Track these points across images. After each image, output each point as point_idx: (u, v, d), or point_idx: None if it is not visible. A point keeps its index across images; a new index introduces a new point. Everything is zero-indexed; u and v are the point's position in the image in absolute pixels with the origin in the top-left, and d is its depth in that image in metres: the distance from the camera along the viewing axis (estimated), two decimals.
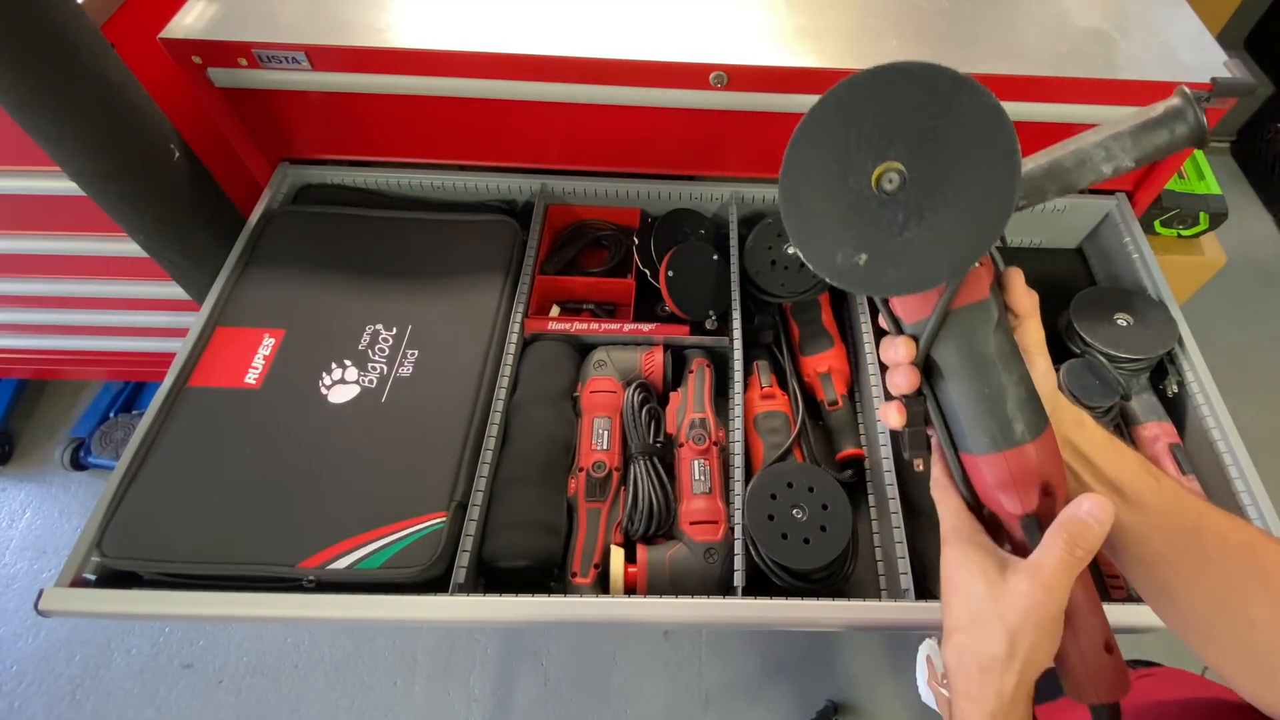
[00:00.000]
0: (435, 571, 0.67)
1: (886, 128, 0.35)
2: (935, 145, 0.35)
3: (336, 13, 0.86)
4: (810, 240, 0.37)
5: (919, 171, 0.35)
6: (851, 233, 0.36)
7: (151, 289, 1.15)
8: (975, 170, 0.34)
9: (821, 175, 0.37)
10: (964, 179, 0.34)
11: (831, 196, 0.36)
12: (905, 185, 0.35)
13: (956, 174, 0.34)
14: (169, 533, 0.68)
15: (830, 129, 0.37)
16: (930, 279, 0.36)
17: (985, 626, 0.36)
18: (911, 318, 0.41)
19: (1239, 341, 1.82)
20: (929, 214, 0.35)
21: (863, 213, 0.36)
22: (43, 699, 1.31)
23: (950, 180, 0.35)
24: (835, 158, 0.36)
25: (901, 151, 0.35)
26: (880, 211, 0.36)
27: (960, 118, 0.34)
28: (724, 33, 0.85)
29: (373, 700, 1.33)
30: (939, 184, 0.35)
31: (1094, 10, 0.91)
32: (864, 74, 0.36)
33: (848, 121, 0.36)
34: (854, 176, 0.36)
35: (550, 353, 0.86)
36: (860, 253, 0.36)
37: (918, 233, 0.35)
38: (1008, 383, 0.38)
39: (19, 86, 0.72)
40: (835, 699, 1.32)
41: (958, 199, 0.34)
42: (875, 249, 0.36)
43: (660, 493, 0.75)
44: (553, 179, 0.99)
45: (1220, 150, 2.26)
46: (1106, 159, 0.38)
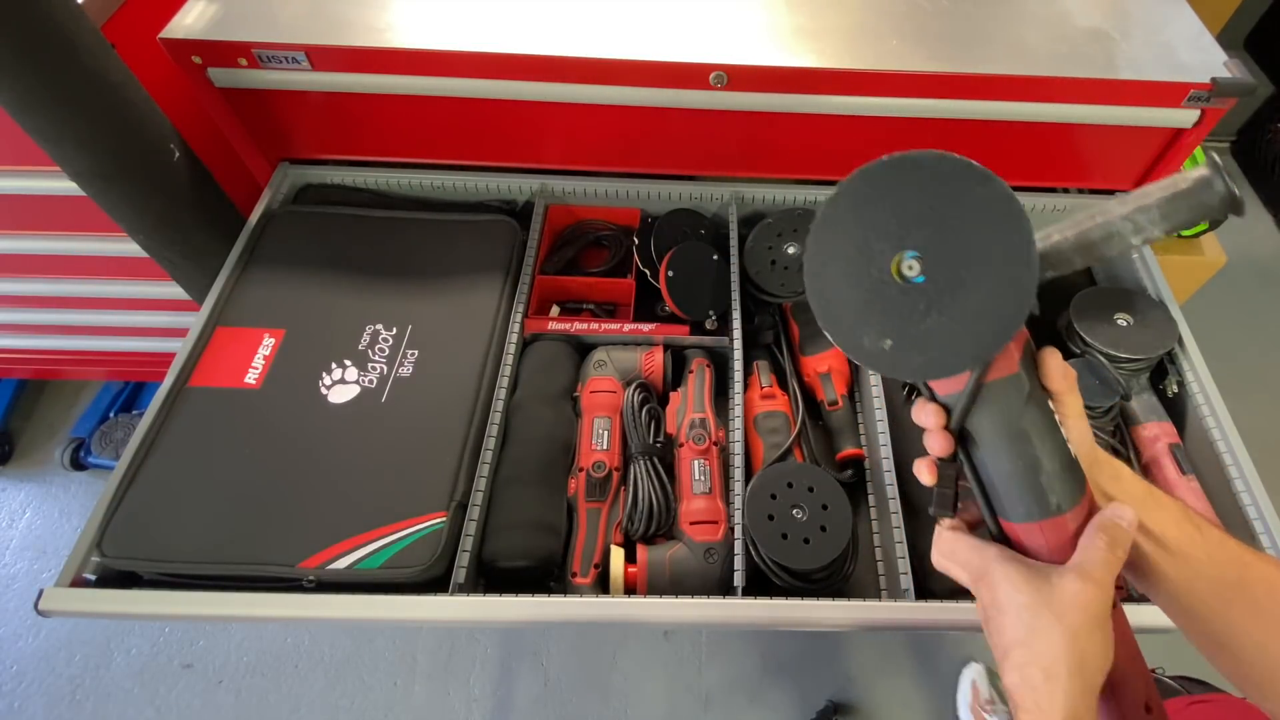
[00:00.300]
0: (435, 571, 0.67)
1: (902, 217, 0.36)
2: (951, 234, 0.35)
3: (336, 13, 0.86)
4: (837, 323, 0.38)
5: (937, 260, 0.35)
6: (876, 318, 0.37)
7: (151, 289, 1.15)
8: (992, 259, 0.34)
9: (844, 262, 0.37)
10: (981, 268, 0.35)
11: (854, 283, 0.37)
12: (924, 273, 0.35)
13: (974, 263, 0.35)
14: (169, 533, 0.68)
15: (849, 218, 0.38)
16: (955, 366, 0.36)
17: (1044, 633, 0.36)
18: (943, 390, 0.40)
19: (1239, 341, 1.82)
20: (949, 302, 0.35)
21: (885, 299, 0.36)
22: (43, 699, 1.31)
23: (968, 269, 0.35)
24: (856, 246, 0.37)
25: (918, 240, 0.36)
26: (902, 299, 0.36)
27: (973, 207, 0.35)
28: (724, 33, 0.85)
29: (373, 700, 1.33)
30: (957, 272, 0.35)
31: (1094, 10, 0.91)
32: (877, 164, 0.37)
33: (865, 211, 0.37)
34: (875, 264, 0.36)
35: (550, 353, 0.86)
36: (885, 338, 0.36)
37: (940, 320, 0.35)
38: (1042, 455, 0.38)
39: (19, 86, 0.72)
40: (835, 699, 1.32)
41: (977, 287, 0.35)
42: (899, 335, 0.36)
43: (660, 493, 0.75)
44: (553, 179, 0.99)
45: (1220, 150, 2.26)
46: (1135, 231, 0.37)
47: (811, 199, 0.98)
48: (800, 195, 0.98)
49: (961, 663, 1.32)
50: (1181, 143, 0.90)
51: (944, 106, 0.86)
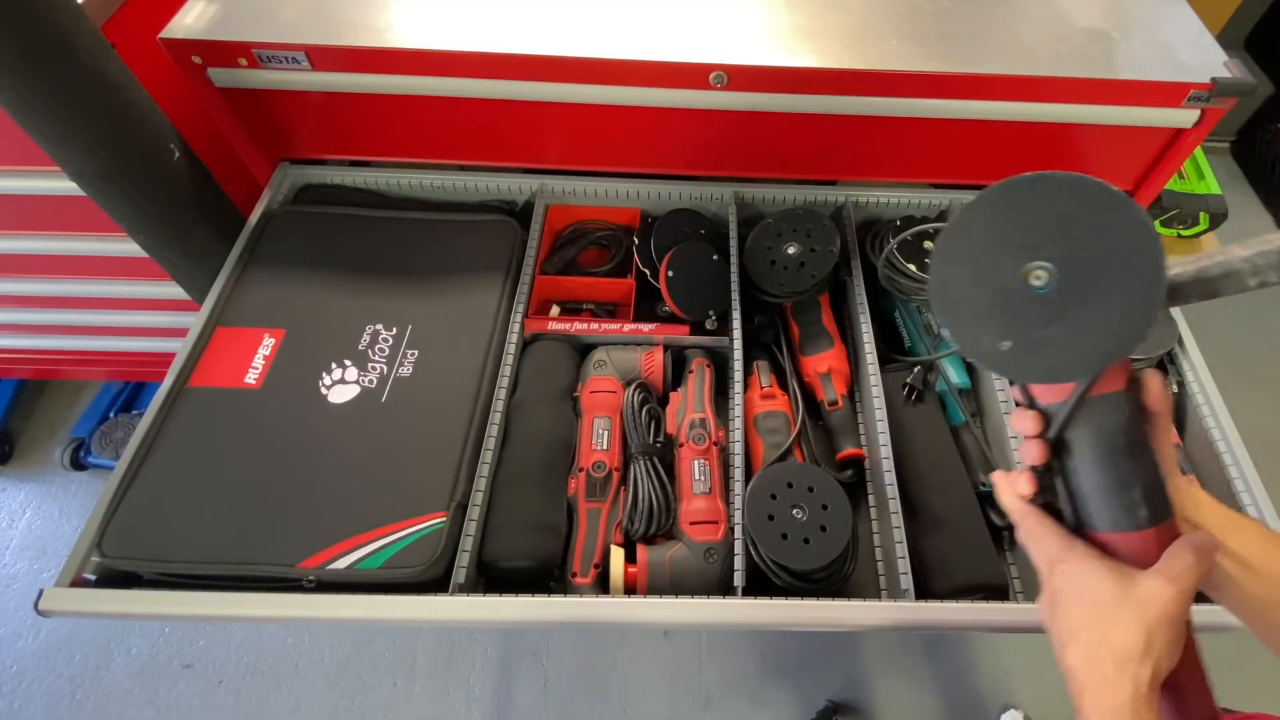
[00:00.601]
0: (435, 572, 0.67)
1: (1036, 230, 0.38)
2: (1083, 250, 0.37)
3: (336, 13, 0.86)
4: (957, 321, 0.40)
5: (1066, 273, 0.38)
6: (997, 321, 0.39)
7: (151, 289, 1.15)
8: (1121, 278, 0.37)
9: (972, 266, 0.40)
10: (1110, 284, 0.37)
11: (979, 285, 0.40)
12: (1052, 283, 0.38)
13: (1103, 279, 0.37)
14: (169, 533, 0.68)
15: (984, 225, 0.40)
16: (1071, 373, 0.38)
17: (1120, 624, 0.38)
18: (1046, 399, 0.42)
19: (1239, 341, 1.82)
20: (1073, 313, 0.37)
21: (1009, 304, 0.39)
22: (43, 699, 1.31)
23: (1096, 284, 0.37)
24: (986, 252, 0.39)
25: (1050, 253, 0.38)
26: (1026, 305, 0.38)
27: (1110, 230, 0.37)
28: (724, 33, 0.85)
29: (373, 700, 1.33)
30: (1085, 286, 0.37)
31: (1094, 10, 0.91)
32: (1021, 179, 0.39)
33: (1000, 220, 0.39)
34: (1003, 271, 0.39)
35: (550, 353, 0.86)
36: (1005, 340, 0.39)
37: (1061, 329, 0.38)
38: (1135, 471, 0.40)
39: (19, 86, 0.72)
40: (835, 699, 1.32)
41: (1103, 303, 0.37)
42: (1019, 338, 0.39)
43: (660, 493, 0.75)
44: (553, 179, 0.99)
45: (1220, 150, 2.26)
46: (1253, 273, 0.38)
47: (812, 199, 0.98)
48: (800, 195, 0.98)
49: (1001, 709, 1.32)
50: (1181, 143, 0.90)
51: (944, 106, 0.86)
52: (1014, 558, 0.77)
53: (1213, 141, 2.24)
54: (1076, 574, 0.40)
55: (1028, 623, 0.65)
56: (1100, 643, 0.38)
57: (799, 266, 0.88)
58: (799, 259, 0.88)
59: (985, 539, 0.74)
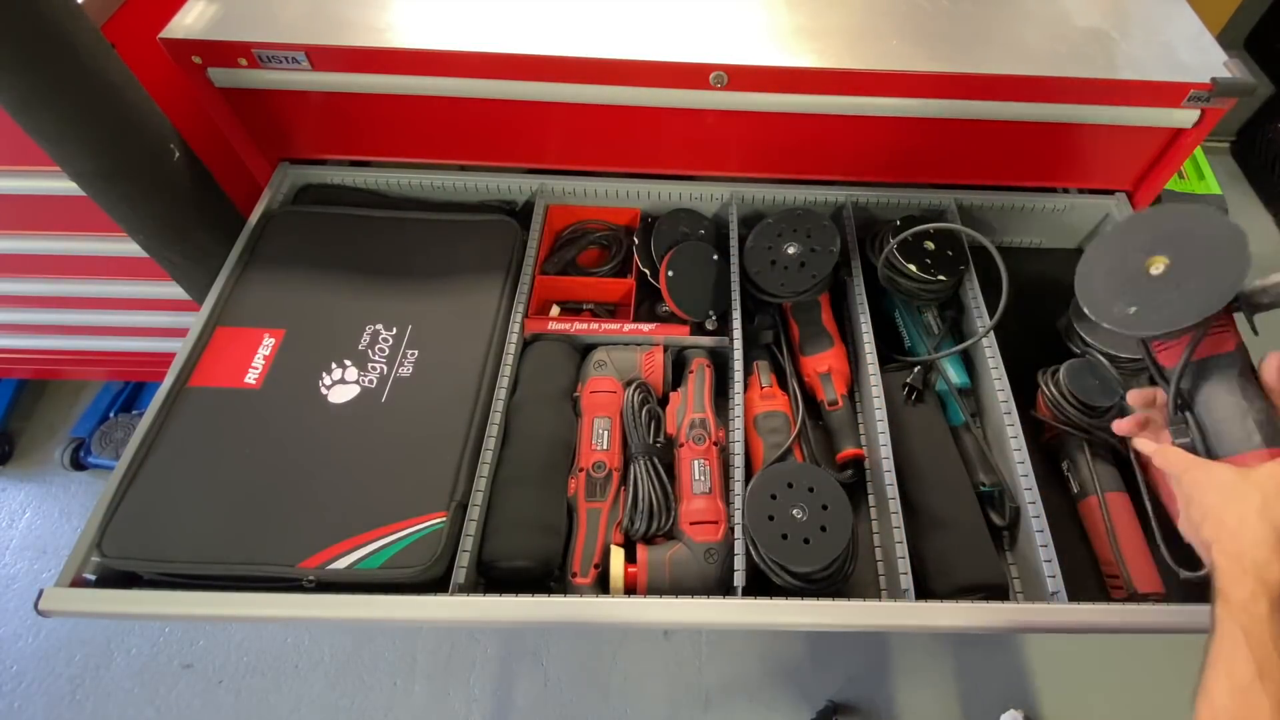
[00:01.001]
0: (435, 571, 0.67)
1: (1155, 238, 0.56)
2: (1193, 248, 0.54)
3: (336, 13, 0.86)
4: (1094, 299, 0.57)
5: (1179, 262, 0.54)
6: (1126, 296, 0.55)
7: (151, 289, 1.15)
8: (1216, 262, 0.52)
9: (1107, 263, 0.58)
10: (1208, 266, 0.53)
11: (1113, 275, 0.57)
12: (1167, 270, 0.54)
13: (1204, 264, 0.53)
14: (169, 533, 0.68)
15: (1117, 238, 0.59)
16: (1181, 320, 0.52)
17: (1243, 494, 0.45)
18: (1166, 361, 0.56)
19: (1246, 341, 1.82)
20: (1182, 287, 0.53)
21: (1136, 284, 0.55)
22: (43, 699, 1.31)
23: (1199, 267, 0.53)
24: (1119, 254, 0.58)
25: (1169, 250, 0.55)
26: (1148, 284, 0.55)
27: (1213, 234, 0.54)
28: (724, 33, 0.85)
29: (373, 700, 1.33)
30: (1192, 269, 0.53)
31: (1094, 10, 0.91)
32: (1141, 214, 0.60)
33: (1129, 233, 0.58)
34: (1131, 263, 0.56)
35: (550, 353, 0.86)
36: (1131, 306, 0.55)
37: (1172, 296, 0.53)
38: (1249, 406, 0.51)
39: (19, 86, 0.72)
40: (835, 699, 1.32)
41: (1204, 275, 0.52)
42: (1143, 305, 0.54)
43: (660, 493, 0.75)
44: (553, 179, 0.99)
45: (1220, 150, 2.26)
46: None
47: (811, 199, 0.98)
48: (800, 195, 0.98)
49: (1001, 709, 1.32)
50: (1181, 143, 0.90)
51: (944, 106, 0.86)
52: (1014, 558, 0.77)
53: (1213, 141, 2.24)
54: (1203, 472, 0.49)
55: (1028, 623, 0.65)
56: (1228, 510, 0.45)
57: (799, 266, 0.88)
58: (799, 259, 0.88)
59: (985, 539, 0.74)
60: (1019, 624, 0.65)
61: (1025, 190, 0.99)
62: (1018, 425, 0.77)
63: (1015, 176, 0.98)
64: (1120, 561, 0.71)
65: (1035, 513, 0.72)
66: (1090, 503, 0.76)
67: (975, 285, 0.88)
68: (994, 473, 0.78)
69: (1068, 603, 0.66)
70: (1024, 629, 0.65)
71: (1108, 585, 0.73)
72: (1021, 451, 0.76)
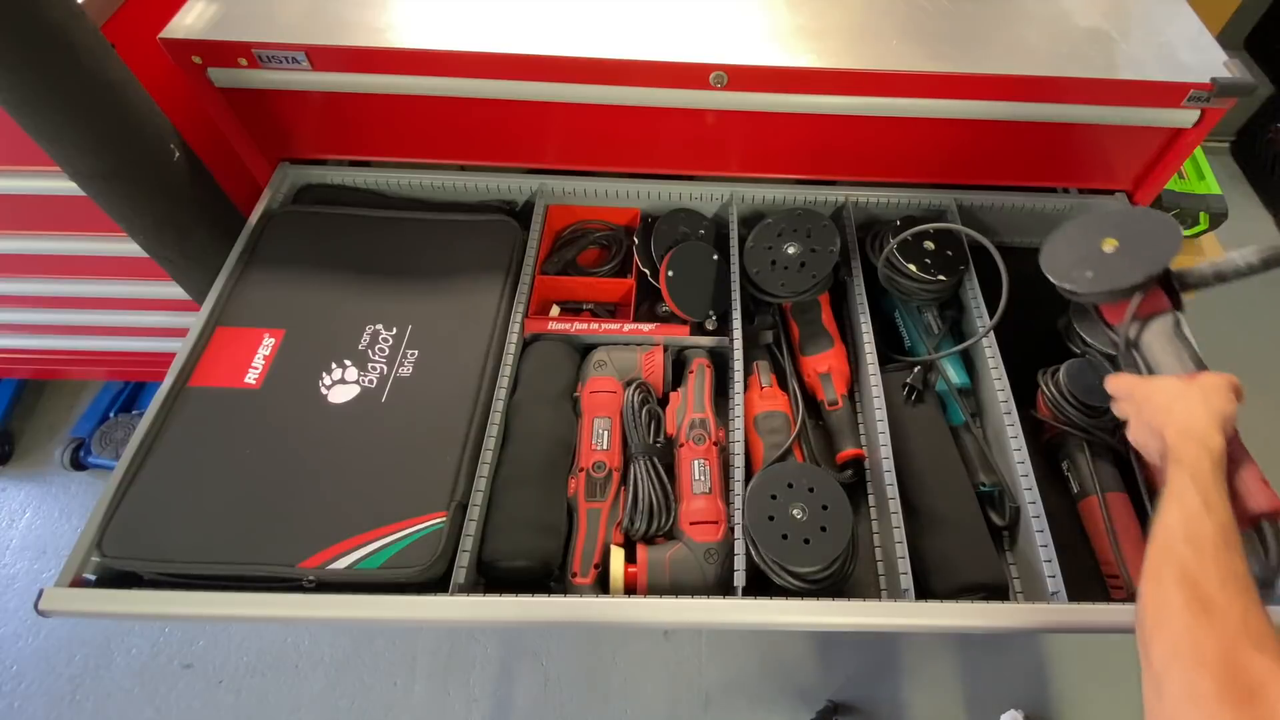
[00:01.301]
0: (435, 571, 0.67)
1: (1106, 225, 0.71)
2: (1138, 233, 0.69)
3: (336, 13, 0.86)
4: (1058, 268, 0.70)
5: (1126, 242, 0.68)
6: (1085, 265, 0.69)
7: (151, 289, 1.15)
8: (1156, 242, 0.67)
9: (1069, 245, 0.72)
10: (1150, 245, 0.67)
11: (1073, 252, 0.71)
12: (1116, 248, 0.68)
13: (1147, 243, 0.67)
14: (169, 533, 0.68)
15: (1079, 226, 0.73)
16: (1130, 280, 0.66)
17: (1191, 397, 0.57)
18: (1115, 320, 0.71)
19: (1239, 341, 1.82)
20: (1129, 257, 0.67)
21: (1092, 258, 0.69)
22: (43, 699, 1.31)
23: (1142, 245, 0.67)
24: (1080, 238, 0.71)
25: (1119, 235, 0.69)
26: (1101, 258, 0.69)
27: (1154, 224, 0.69)
28: (724, 33, 0.85)
29: (373, 700, 1.33)
30: (1137, 247, 0.68)
31: (1094, 10, 0.91)
32: (1090, 215, 0.73)
33: (1087, 225, 0.72)
34: (1089, 244, 0.70)
35: (550, 353, 0.86)
36: (1089, 272, 0.68)
37: (1123, 264, 0.67)
38: (1182, 347, 0.66)
39: (19, 86, 0.72)
40: (835, 699, 1.32)
41: (1146, 250, 0.67)
42: (1098, 272, 0.68)
43: (660, 493, 0.75)
44: (553, 179, 0.99)
45: (1220, 150, 2.26)
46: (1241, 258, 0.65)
47: (811, 199, 0.98)
48: (800, 195, 0.98)
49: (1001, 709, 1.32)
50: (1181, 143, 0.90)
51: (944, 106, 0.86)
52: (1014, 558, 0.77)
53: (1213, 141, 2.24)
54: (1154, 382, 0.61)
55: (1028, 623, 0.65)
56: (1180, 409, 0.56)
57: (799, 266, 0.88)
58: (799, 259, 0.88)
59: (985, 539, 0.74)
60: (1019, 624, 0.65)
61: (1025, 190, 0.99)
62: (1018, 425, 0.77)
63: (1015, 176, 0.98)
64: (1120, 561, 0.71)
65: (1035, 513, 0.72)
66: (1090, 503, 0.76)
67: (975, 285, 0.88)
68: (994, 473, 0.78)
69: (1068, 603, 0.66)
70: (1024, 629, 0.65)
71: (1108, 585, 0.73)
72: (1021, 451, 0.76)
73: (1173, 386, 0.59)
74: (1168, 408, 0.57)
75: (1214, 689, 0.39)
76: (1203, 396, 0.57)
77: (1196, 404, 0.56)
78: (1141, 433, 0.60)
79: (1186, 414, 0.56)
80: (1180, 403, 0.57)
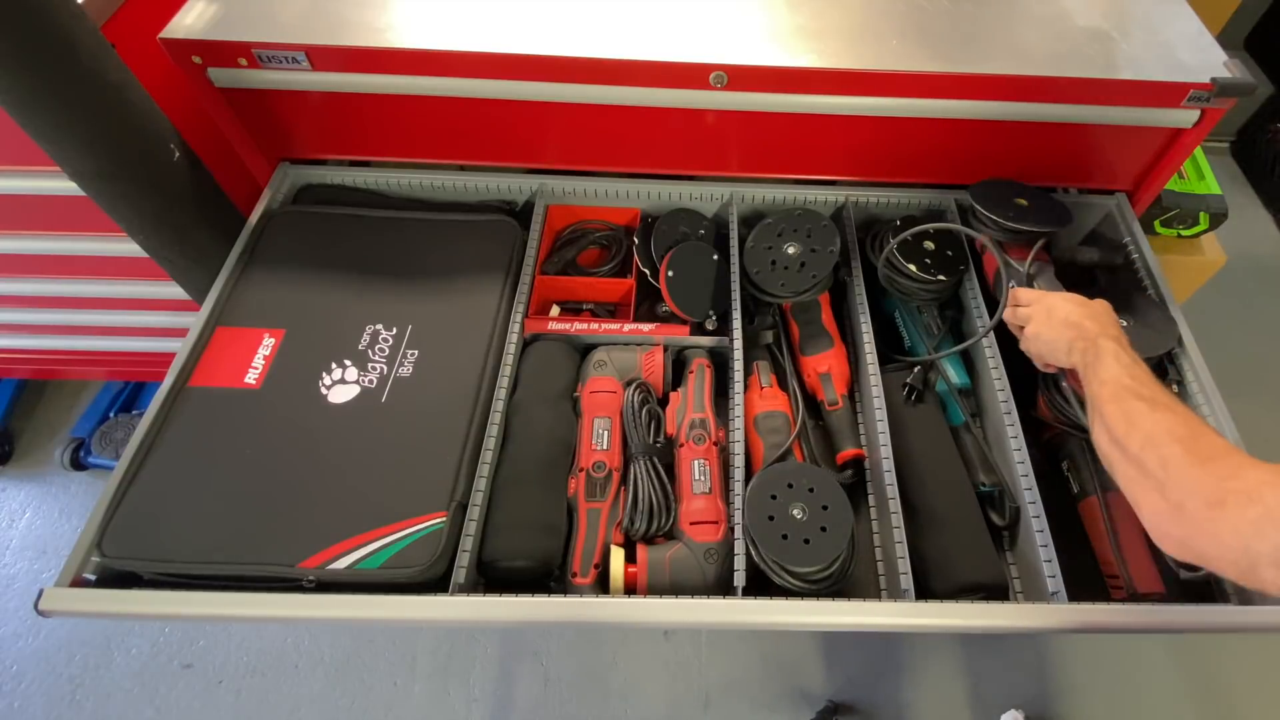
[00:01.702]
0: (435, 572, 0.67)
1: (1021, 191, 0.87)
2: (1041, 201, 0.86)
3: (336, 13, 0.86)
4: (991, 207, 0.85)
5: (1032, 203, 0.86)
6: (1006, 207, 0.86)
7: (151, 289, 1.15)
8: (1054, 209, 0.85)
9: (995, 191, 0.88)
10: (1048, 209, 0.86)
11: (999, 200, 0.86)
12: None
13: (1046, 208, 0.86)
14: (169, 533, 0.68)
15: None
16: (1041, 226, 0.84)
17: (1091, 304, 0.69)
18: (1019, 256, 0.85)
19: (1239, 341, 1.82)
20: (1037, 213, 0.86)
21: (1010, 205, 0.86)
22: (43, 699, 1.31)
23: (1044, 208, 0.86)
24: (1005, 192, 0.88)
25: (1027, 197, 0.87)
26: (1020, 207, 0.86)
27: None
28: (724, 33, 0.85)
29: (373, 700, 1.33)
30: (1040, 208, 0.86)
31: (1094, 10, 0.91)
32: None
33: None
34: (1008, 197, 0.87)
35: (550, 353, 0.86)
36: (1010, 213, 0.85)
37: (1033, 214, 0.85)
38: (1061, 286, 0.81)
39: (19, 86, 0.72)
40: (835, 699, 1.32)
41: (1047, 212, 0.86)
42: (1016, 215, 0.85)
43: (660, 493, 0.75)
44: (553, 179, 0.99)
45: (1220, 150, 2.26)
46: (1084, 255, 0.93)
47: (811, 199, 0.98)
48: (800, 195, 0.98)
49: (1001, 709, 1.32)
50: (1181, 143, 0.90)
51: (944, 106, 0.86)
52: (1014, 558, 0.77)
53: (1213, 141, 2.24)
54: (1058, 296, 0.72)
55: (1028, 623, 0.65)
56: (1088, 318, 0.66)
57: (799, 266, 0.88)
58: (799, 259, 0.88)
59: (985, 539, 0.74)
60: (1019, 624, 0.65)
61: None
62: (1018, 425, 0.77)
63: (1015, 176, 0.98)
64: (1120, 561, 0.71)
65: (1035, 513, 0.72)
66: (1090, 503, 0.76)
67: (975, 285, 0.88)
68: (994, 473, 0.78)
69: (1068, 603, 0.66)
70: (1024, 629, 0.65)
71: (1108, 585, 0.73)
72: (1021, 451, 0.76)
73: (1078, 297, 0.70)
74: (1082, 306, 0.68)
75: (1184, 454, 0.51)
76: (1098, 303, 0.69)
77: (1103, 309, 0.69)
78: (1051, 330, 0.69)
79: (1102, 312, 0.68)
80: (1093, 306, 0.69)
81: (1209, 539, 0.47)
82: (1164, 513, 0.51)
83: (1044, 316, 0.71)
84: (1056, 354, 0.69)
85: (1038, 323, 0.71)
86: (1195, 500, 0.48)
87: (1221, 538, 0.46)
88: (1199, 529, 0.48)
